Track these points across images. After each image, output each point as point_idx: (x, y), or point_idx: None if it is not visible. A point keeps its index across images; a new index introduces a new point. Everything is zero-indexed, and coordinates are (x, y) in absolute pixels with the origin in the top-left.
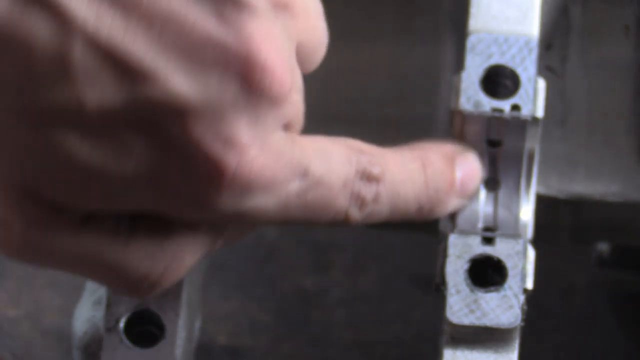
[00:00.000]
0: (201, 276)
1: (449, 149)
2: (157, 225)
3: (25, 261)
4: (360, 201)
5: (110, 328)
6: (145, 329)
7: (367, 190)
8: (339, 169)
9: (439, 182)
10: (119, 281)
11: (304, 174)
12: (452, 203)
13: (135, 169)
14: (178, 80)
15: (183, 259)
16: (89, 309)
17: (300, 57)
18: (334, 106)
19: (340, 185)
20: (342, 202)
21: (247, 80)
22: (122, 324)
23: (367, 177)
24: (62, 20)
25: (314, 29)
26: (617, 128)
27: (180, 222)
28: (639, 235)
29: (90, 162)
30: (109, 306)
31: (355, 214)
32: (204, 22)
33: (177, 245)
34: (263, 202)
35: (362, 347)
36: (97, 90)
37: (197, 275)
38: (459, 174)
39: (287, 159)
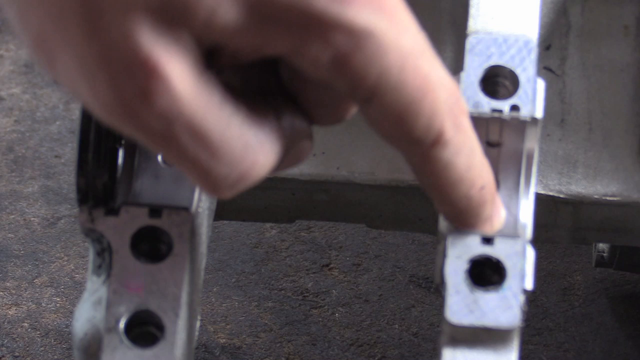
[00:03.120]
0: (201, 276)
1: None
2: (254, 110)
3: (132, 113)
4: (457, 121)
5: (110, 328)
6: (145, 329)
7: (463, 117)
8: (439, 67)
9: (490, 181)
10: (214, 163)
11: (413, 29)
12: (497, 214)
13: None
14: None
15: (270, 154)
16: (89, 309)
17: None
18: None
19: (441, 81)
20: (442, 100)
21: None
22: (122, 325)
23: (461, 107)
24: None
25: None
26: (617, 128)
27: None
28: (638, 235)
29: None
30: (109, 306)
31: (450, 132)
32: None
33: (269, 137)
34: (382, 25)
35: (362, 347)
36: None
37: (197, 275)
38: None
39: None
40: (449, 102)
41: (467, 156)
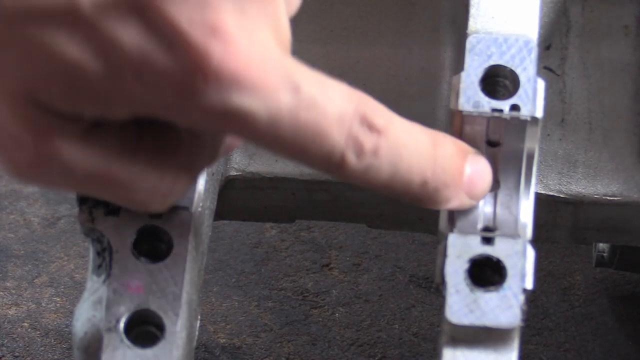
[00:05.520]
0: (201, 276)
1: (464, 145)
2: (162, 139)
3: (35, 179)
4: (358, 147)
5: (111, 328)
6: (145, 329)
7: (367, 139)
8: (335, 100)
9: (448, 165)
10: (131, 196)
11: (295, 89)
12: (457, 195)
13: (121, 60)
14: None
15: (188, 172)
16: (89, 309)
17: None
18: None
19: (336, 117)
20: (337, 137)
21: None
22: (122, 324)
23: (369, 124)
24: None
25: None
26: (617, 128)
27: (180, 136)
28: (638, 235)
29: (80, 60)
30: (109, 306)
31: (353, 160)
32: None
33: (183, 158)
34: (252, 104)
35: (362, 347)
36: None
37: (197, 275)
38: (468, 170)
39: (276, 63)
40: (348, 132)
41: (388, 167)
